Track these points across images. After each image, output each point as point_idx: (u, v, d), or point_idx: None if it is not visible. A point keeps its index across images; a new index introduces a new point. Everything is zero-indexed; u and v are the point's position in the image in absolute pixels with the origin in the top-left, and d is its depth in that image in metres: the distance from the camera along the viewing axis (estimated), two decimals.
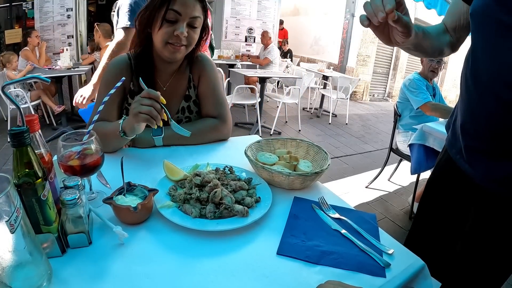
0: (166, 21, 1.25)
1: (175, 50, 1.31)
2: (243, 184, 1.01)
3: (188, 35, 1.30)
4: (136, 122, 1.12)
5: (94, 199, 0.96)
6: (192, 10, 1.27)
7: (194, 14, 1.28)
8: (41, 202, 0.66)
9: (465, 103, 1.10)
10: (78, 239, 0.75)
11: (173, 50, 1.30)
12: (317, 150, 1.33)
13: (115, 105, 1.39)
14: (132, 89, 1.43)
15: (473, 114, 1.06)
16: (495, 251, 1.13)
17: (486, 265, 1.17)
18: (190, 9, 1.27)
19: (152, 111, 1.07)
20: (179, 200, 0.93)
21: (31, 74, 3.39)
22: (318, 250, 0.84)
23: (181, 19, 1.26)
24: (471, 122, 1.08)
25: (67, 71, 5.18)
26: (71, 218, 0.72)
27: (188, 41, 1.32)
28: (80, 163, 0.87)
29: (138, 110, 1.07)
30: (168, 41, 1.28)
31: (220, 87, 1.57)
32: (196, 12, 1.28)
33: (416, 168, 3.02)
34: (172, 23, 1.26)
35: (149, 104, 1.07)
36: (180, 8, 1.24)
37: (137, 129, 1.16)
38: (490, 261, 1.16)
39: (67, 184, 0.75)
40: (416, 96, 3.29)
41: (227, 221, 0.88)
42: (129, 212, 0.82)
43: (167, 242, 0.83)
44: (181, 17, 1.26)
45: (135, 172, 1.13)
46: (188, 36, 1.30)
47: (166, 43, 1.29)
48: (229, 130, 1.55)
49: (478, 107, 1.03)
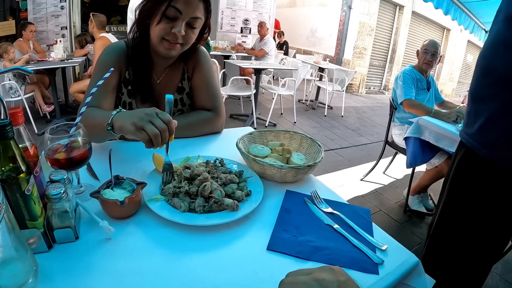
0: (165, 17, 1.21)
1: (170, 46, 1.27)
2: (233, 177, 0.99)
3: (186, 35, 1.26)
4: (132, 134, 0.96)
5: (82, 193, 0.94)
6: (194, 10, 1.22)
7: (196, 14, 1.24)
8: (25, 197, 0.65)
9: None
10: (65, 234, 0.73)
11: (169, 46, 1.26)
12: (310, 143, 1.32)
13: (109, 92, 1.34)
14: (127, 78, 1.40)
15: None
16: None
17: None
18: (192, 9, 1.22)
19: (158, 137, 0.92)
20: (168, 194, 0.91)
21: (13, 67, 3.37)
22: (310, 245, 0.83)
23: (181, 17, 1.21)
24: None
25: (61, 62, 5.12)
26: (57, 213, 0.71)
27: (185, 40, 1.28)
28: (66, 156, 0.85)
29: (143, 126, 0.92)
30: (165, 37, 1.24)
31: (215, 79, 1.54)
32: (197, 13, 1.24)
33: (411, 162, 3.03)
34: (171, 20, 1.22)
35: (161, 128, 0.92)
36: (181, 6, 1.20)
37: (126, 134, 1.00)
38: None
39: (53, 178, 0.74)
40: (400, 91, 3.32)
41: (217, 215, 0.87)
42: (116, 206, 0.80)
43: (155, 237, 0.81)
44: (181, 15, 1.21)
45: (124, 165, 1.11)
46: (186, 36, 1.26)
47: (162, 38, 1.25)
48: (222, 123, 1.53)
49: None
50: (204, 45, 1.56)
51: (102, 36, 4.66)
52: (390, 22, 11.22)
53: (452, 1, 7.37)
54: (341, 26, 10.31)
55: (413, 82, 3.33)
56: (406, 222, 3.20)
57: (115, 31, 6.14)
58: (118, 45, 1.40)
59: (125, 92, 1.41)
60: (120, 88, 1.41)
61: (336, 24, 10.49)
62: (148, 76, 1.41)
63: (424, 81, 3.44)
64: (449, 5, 7.34)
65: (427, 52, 3.35)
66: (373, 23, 10.42)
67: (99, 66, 1.35)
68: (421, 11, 11.23)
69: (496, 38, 1.18)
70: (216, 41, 7.75)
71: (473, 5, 7.78)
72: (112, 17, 8.48)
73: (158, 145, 0.93)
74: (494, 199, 1.25)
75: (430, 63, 3.38)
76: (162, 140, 0.93)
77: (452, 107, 3.48)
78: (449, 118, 2.85)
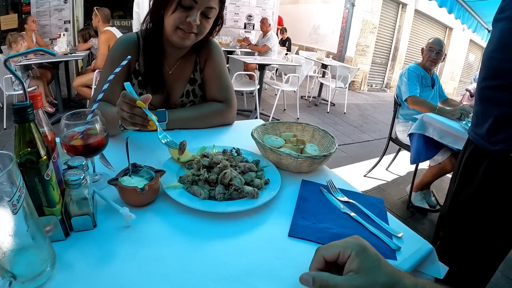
0: (180, 6, 1.20)
1: (184, 36, 1.26)
2: (251, 165, 0.98)
3: (200, 24, 1.25)
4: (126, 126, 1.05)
5: (97, 181, 0.93)
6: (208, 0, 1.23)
7: (210, 4, 1.23)
8: (44, 182, 0.63)
9: None
10: (83, 221, 0.72)
11: (183, 36, 1.26)
12: (323, 134, 1.30)
13: (119, 84, 1.32)
14: (137, 69, 1.39)
15: None
16: None
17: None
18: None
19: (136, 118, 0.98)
20: (187, 182, 0.90)
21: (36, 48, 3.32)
22: (329, 232, 0.83)
23: (196, 6, 1.20)
24: None
25: (64, 56, 5.08)
26: (75, 200, 0.69)
27: (199, 29, 1.27)
28: (83, 143, 0.83)
29: (121, 115, 1.00)
30: (179, 26, 1.24)
31: (226, 71, 1.53)
32: (212, 3, 1.24)
33: (415, 158, 3.04)
34: (186, 9, 1.21)
35: (128, 110, 0.97)
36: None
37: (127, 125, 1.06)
38: None
39: (71, 164, 0.72)
40: (405, 88, 3.32)
41: (237, 202, 0.86)
42: (135, 193, 0.79)
43: (175, 224, 0.80)
44: (197, 5, 1.20)
45: (139, 155, 1.10)
46: (200, 25, 1.25)
47: (176, 28, 1.24)
48: (234, 115, 1.52)
49: None
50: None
51: (106, 30, 4.64)
52: (393, 20, 11.18)
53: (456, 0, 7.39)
54: (344, 23, 10.28)
55: (417, 79, 3.33)
56: (409, 218, 3.21)
57: (118, 25, 6.09)
58: (128, 37, 1.40)
59: (135, 83, 1.40)
60: (130, 79, 1.40)
61: (338, 21, 10.45)
62: (160, 66, 1.41)
63: (428, 78, 3.44)
64: (453, 4, 7.36)
65: (432, 50, 3.34)
66: (376, 21, 10.38)
67: (109, 61, 1.35)
68: (424, 9, 11.20)
69: (504, 38, 1.17)
70: (220, 36, 7.72)
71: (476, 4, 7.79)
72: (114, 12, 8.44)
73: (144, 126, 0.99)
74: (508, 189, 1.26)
75: (434, 61, 3.38)
76: (138, 119, 0.98)
77: (455, 104, 3.49)
78: (453, 115, 2.86)
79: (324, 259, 0.59)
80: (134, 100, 0.96)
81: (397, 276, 0.56)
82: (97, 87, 1.36)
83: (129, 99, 0.96)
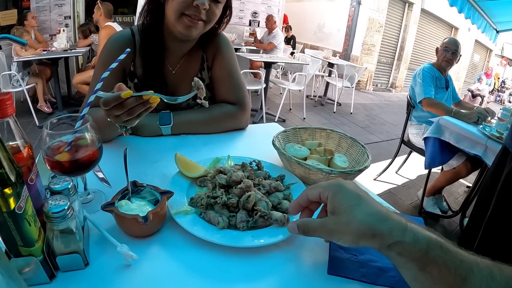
0: None
1: (191, 23, 1.06)
2: (278, 184, 0.81)
3: (210, 9, 1.05)
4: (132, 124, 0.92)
5: (90, 202, 0.76)
6: None
7: None
8: (16, 216, 0.47)
9: None
10: (71, 260, 0.56)
11: (189, 23, 1.06)
12: (351, 143, 1.14)
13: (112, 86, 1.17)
14: (132, 71, 1.21)
15: None
16: None
17: None
18: None
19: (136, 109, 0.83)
20: (201, 206, 0.72)
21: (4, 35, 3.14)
22: (373, 266, 0.70)
23: None
24: None
25: (64, 52, 4.93)
26: (60, 235, 0.53)
27: (208, 16, 1.08)
28: (70, 158, 0.66)
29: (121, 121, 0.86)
30: (184, 12, 1.04)
31: (238, 69, 1.35)
32: None
33: (430, 163, 2.96)
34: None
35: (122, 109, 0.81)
36: None
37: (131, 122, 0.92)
38: None
39: (53, 187, 0.56)
40: (419, 89, 3.20)
41: (264, 232, 0.69)
42: (136, 224, 0.62)
43: (186, 261, 0.64)
44: None
45: (140, 166, 0.94)
46: (209, 11, 1.06)
47: (181, 14, 1.05)
48: (247, 119, 1.35)
49: None
50: None
51: (107, 25, 4.49)
52: (399, 19, 11.02)
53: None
54: (349, 22, 10.11)
55: (432, 80, 3.20)
56: None
57: (120, 21, 5.93)
58: (120, 34, 1.22)
59: (131, 86, 1.22)
60: (124, 82, 1.21)
61: (344, 20, 10.27)
62: (161, 65, 1.22)
63: (443, 80, 3.32)
64: (463, 3, 7.22)
65: (447, 50, 3.21)
66: (382, 20, 10.22)
67: (101, 63, 1.17)
68: (430, 8, 11.06)
69: None
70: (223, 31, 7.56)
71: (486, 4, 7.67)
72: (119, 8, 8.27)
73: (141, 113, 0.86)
74: None
75: (450, 61, 3.25)
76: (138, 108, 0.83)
77: (469, 107, 3.39)
78: (470, 119, 2.77)
79: (307, 198, 0.62)
80: (118, 97, 0.78)
81: (380, 216, 0.52)
82: (89, 90, 1.18)
83: (113, 100, 0.79)
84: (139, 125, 1.13)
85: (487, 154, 2.43)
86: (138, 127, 1.15)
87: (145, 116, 1.13)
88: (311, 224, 0.58)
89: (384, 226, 0.50)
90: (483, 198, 1.45)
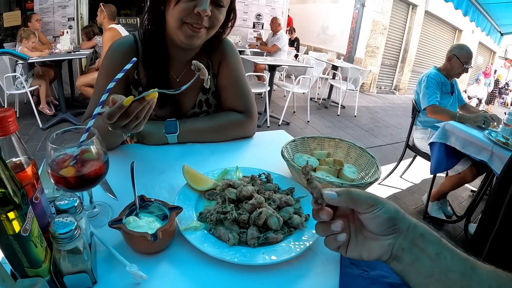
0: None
1: (193, 32, 1.03)
2: (289, 198, 0.79)
3: (212, 15, 1.02)
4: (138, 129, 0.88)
5: (96, 216, 0.75)
6: None
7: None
8: (21, 239, 0.45)
9: None
10: (78, 280, 0.54)
11: (191, 32, 1.02)
12: (360, 153, 1.12)
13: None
14: (136, 79, 1.19)
15: None
16: None
17: None
18: None
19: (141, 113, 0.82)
20: (210, 221, 0.71)
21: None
22: (384, 282, 0.68)
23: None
24: None
25: (67, 54, 4.91)
26: (67, 255, 0.51)
27: (211, 22, 1.04)
28: (76, 173, 0.63)
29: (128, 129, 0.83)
30: (186, 20, 1.01)
31: (244, 75, 1.32)
32: None
33: (435, 168, 2.94)
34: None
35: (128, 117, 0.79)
36: None
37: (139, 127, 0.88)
38: None
39: (60, 206, 0.54)
40: (424, 96, 3.17)
41: (275, 248, 0.67)
42: (145, 242, 0.60)
43: (197, 279, 0.62)
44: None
45: (147, 177, 0.92)
46: (212, 16, 1.02)
47: (182, 22, 1.01)
48: (254, 127, 1.32)
49: None
50: None
51: (111, 28, 4.47)
52: (403, 21, 10.97)
53: (471, 2, 7.24)
54: (353, 24, 10.07)
55: (437, 87, 3.16)
56: None
57: (124, 23, 5.91)
58: (123, 41, 1.18)
59: (136, 94, 1.18)
60: (129, 91, 1.20)
61: (348, 22, 10.23)
62: (165, 73, 1.19)
63: (448, 85, 3.29)
64: (468, 6, 7.23)
65: (466, 64, 3.15)
66: (386, 22, 10.17)
67: (103, 72, 1.15)
68: (434, 11, 11.00)
69: None
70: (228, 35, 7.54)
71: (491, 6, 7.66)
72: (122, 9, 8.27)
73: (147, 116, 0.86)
74: None
75: (461, 73, 3.25)
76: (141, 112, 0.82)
77: (474, 111, 3.38)
78: (476, 122, 2.76)
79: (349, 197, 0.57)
80: (121, 106, 0.76)
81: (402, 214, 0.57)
82: (92, 100, 1.15)
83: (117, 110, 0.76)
84: (145, 134, 1.11)
85: (493, 160, 2.41)
86: (144, 136, 1.13)
87: (151, 125, 1.12)
88: (354, 190, 0.57)
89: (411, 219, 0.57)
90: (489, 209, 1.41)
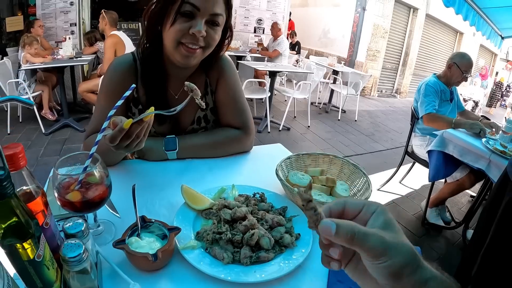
0: (180, 15, 1.01)
1: (189, 53, 1.06)
2: (281, 219, 0.84)
3: (208, 35, 1.05)
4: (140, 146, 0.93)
5: (100, 234, 0.80)
6: (213, 5, 1.02)
7: (216, 10, 1.04)
8: (35, 264, 0.50)
9: None
10: None
11: (187, 53, 1.06)
12: (353, 169, 1.18)
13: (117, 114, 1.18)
14: (135, 97, 1.23)
15: None
16: None
17: None
18: (211, 4, 1.02)
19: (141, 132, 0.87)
20: (206, 241, 0.76)
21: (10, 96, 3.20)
22: None
23: (199, 14, 1.01)
24: None
25: (70, 60, 4.97)
26: (76, 275, 0.56)
27: (207, 42, 1.08)
28: (82, 198, 0.69)
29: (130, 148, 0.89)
30: (181, 40, 1.04)
31: (242, 92, 1.36)
32: (218, 9, 1.04)
33: (434, 176, 2.96)
34: (187, 18, 1.02)
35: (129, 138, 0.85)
36: (198, 1, 1.00)
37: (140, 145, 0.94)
38: None
39: (68, 230, 0.59)
40: (422, 105, 3.20)
41: (267, 267, 0.73)
42: (146, 261, 0.66)
43: None
44: (200, 12, 1.01)
45: (148, 194, 0.97)
46: (208, 36, 1.05)
47: (178, 43, 1.05)
48: (252, 142, 1.37)
49: None
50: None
51: (113, 34, 4.52)
52: (404, 25, 10.99)
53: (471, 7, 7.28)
54: (354, 28, 10.11)
55: (436, 95, 3.17)
56: (424, 236, 3.12)
57: (125, 28, 5.97)
58: (122, 60, 1.22)
59: (136, 112, 1.24)
60: (129, 109, 1.24)
61: (349, 25, 10.27)
62: (164, 91, 1.23)
63: (447, 92, 3.29)
64: (468, 10, 7.26)
65: (466, 73, 3.16)
66: (387, 26, 10.20)
67: (103, 92, 1.19)
68: (435, 14, 11.01)
69: None
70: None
71: (491, 11, 7.69)
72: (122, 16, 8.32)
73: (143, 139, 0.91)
74: None
75: (461, 82, 3.26)
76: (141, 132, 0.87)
77: (473, 118, 3.36)
78: (472, 129, 2.78)
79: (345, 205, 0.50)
80: (122, 129, 0.81)
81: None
82: (94, 117, 1.20)
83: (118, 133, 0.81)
84: (145, 150, 1.16)
85: (490, 168, 2.44)
86: (145, 152, 1.18)
87: (151, 141, 1.16)
88: (360, 229, 0.43)
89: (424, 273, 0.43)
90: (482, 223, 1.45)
